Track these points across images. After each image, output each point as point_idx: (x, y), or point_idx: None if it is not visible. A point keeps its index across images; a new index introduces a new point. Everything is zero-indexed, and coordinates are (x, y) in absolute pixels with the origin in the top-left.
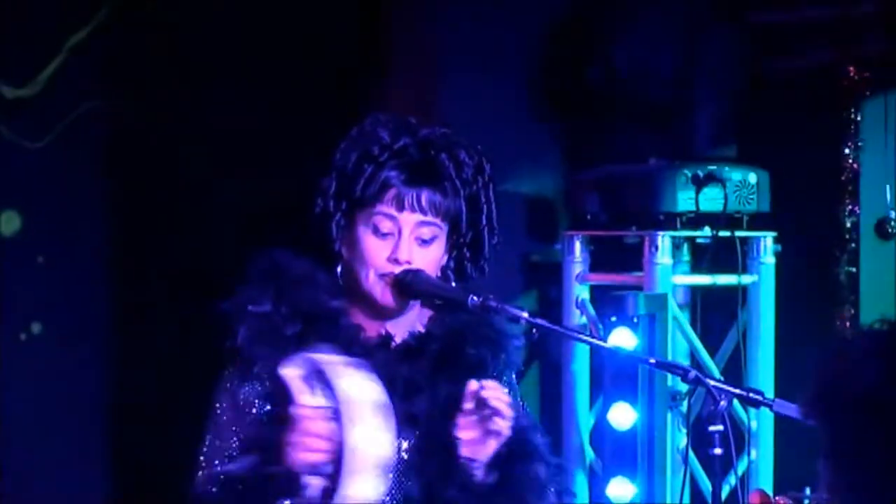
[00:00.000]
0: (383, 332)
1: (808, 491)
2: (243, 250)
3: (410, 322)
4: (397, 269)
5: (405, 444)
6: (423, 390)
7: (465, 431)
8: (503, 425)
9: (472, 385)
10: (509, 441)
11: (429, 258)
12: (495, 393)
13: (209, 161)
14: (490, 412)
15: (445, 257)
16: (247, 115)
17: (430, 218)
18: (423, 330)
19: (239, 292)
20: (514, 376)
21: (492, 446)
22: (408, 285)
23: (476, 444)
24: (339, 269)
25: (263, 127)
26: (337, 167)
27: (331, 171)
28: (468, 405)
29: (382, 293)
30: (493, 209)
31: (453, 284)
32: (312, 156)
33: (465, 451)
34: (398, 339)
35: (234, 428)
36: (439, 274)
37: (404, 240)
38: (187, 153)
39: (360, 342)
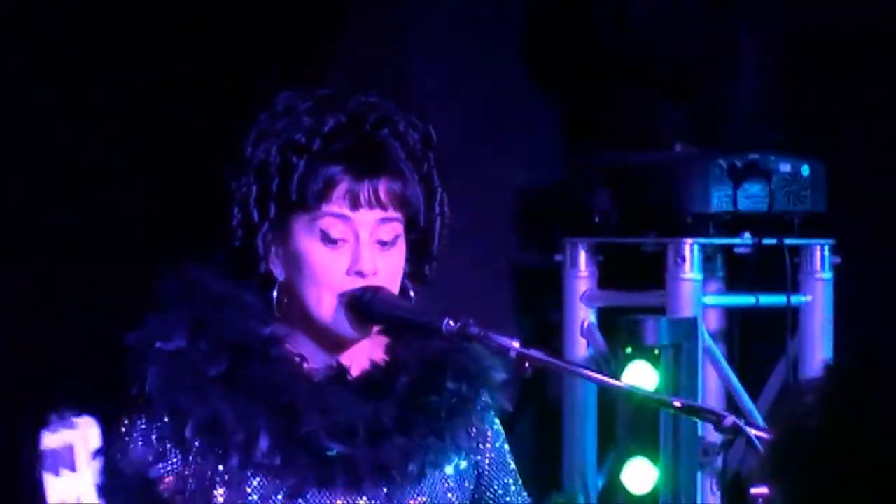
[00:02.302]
0: (334, 363)
1: None
2: (146, 268)
3: (366, 350)
4: (360, 284)
5: None
6: (392, 435)
7: None
8: None
9: None
10: None
11: (393, 266)
12: None
13: (94, 154)
14: None
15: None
16: (147, 95)
17: (391, 213)
18: (386, 359)
19: (145, 323)
20: (497, 422)
21: None
22: (368, 307)
23: None
24: (274, 294)
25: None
26: (253, 164)
27: (244, 169)
28: None
29: (339, 319)
30: (444, 192)
31: (412, 295)
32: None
33: None
34: (355, 372)
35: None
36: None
37: (364, 245)
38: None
39: (305, 377)
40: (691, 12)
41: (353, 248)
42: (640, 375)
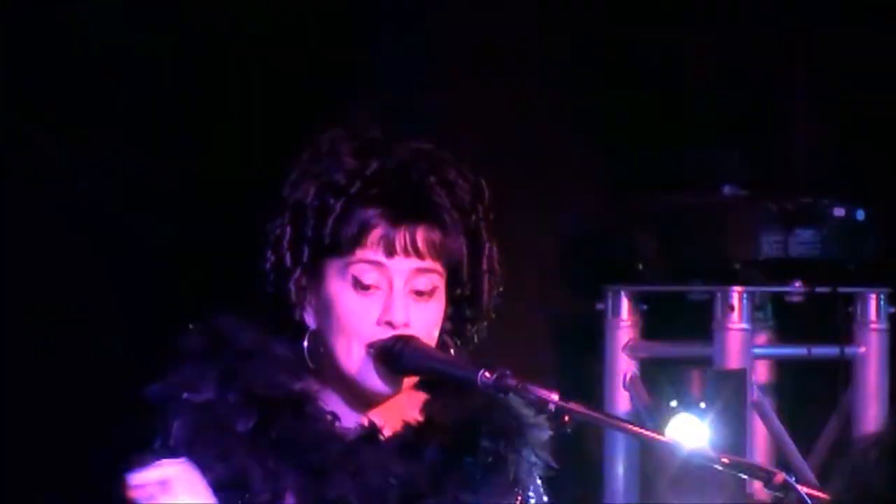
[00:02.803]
0: (366, 422)
1: None
2: (171, 317)
3: (401, 408)
4: (389, 335)
5: None
6: (424, 499)
7: None
8: None
9: None
10: None
11: (429, 318)
12: None
13: (114, 190)
14: None
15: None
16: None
17: (428, 263)
18: (420, 419)
19: (170, 374)
20: (540, 482)
21: None
22: (398, 358)
23: None
24: (305, 343)
25: (188, 147)
26: (290, 205)
27: (281, 210)
28: None
29: (367, 371)
30: (494, 248)
31: (453, 353)
32: (260, 187)
33: None
34: (388, 432)
35: None
36: (436, 340)
37: (398, 294)
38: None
39: (337, 437)
40: (746, 48)
41: (385, 297)
42: (686, 430)
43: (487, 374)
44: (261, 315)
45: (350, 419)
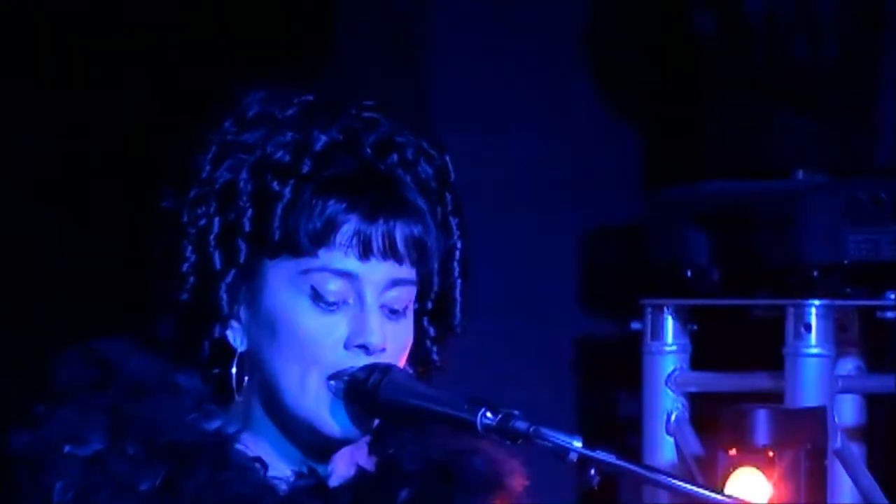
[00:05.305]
0: (305, 469)
1: None
2: (42, 341)
3: (350, 450)
4: (362, 363)
5: None
6: None
7: None
8: None
9: None
10: None
11: (403, 341)
12: None
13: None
14: None
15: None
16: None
17: (406, 269)
18: (375, 462)
19: (44, 419)
20: None
21: None
22: (374, 395)
23: None
24: (233, 370)
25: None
26: (214, 189)
27: (202, 195)
28: None
29: (328, 411)
30: (463, 245)
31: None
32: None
33: None
34: (336, 481)
35: None
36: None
37: (371, 309)
38: None
39: (269, 490)
40: (823, 7)
41: (354, 314)
42: (749, 486)
43: (490, 414)
44: (161, 335)
45: (282, 466)
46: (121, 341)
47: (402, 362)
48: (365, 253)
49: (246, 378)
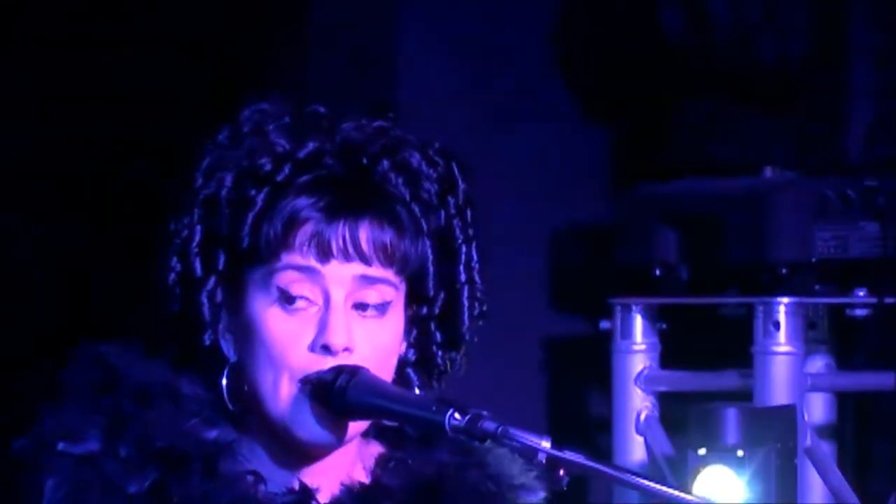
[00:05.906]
0: (296, 485)
1: None
2: (47, 346)
3: (345, 465)
4: (329, 365)
5: None
6: None
7: None
8: None
9: None
10: None
11: (379, 342)
12: None
13: None
14: None
15: (404, 342)
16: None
17: (376, 269)
18: (365, 481)
19: (43, 418)
20: None
21: None
22: (341, 396)
23: None
24: (223, 379)
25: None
26: (200, 199)
27: (189, 206)
28: None
29: (299, 413)
30: (474, 253)
31: (417, 391)
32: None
33: None
34: (325, 497)
35: None
36: (394, 373)
37: (336, 309)
38: None
39: (258, 503)
40: (791, 4)
41: (320, 314)
42: (719, 485)
43: (458, 415)
44: (167, 343)
45: (277, 480)
46: (129, 347)
47: (386, 363)
48: (324, 253)
49: (245, 387)
